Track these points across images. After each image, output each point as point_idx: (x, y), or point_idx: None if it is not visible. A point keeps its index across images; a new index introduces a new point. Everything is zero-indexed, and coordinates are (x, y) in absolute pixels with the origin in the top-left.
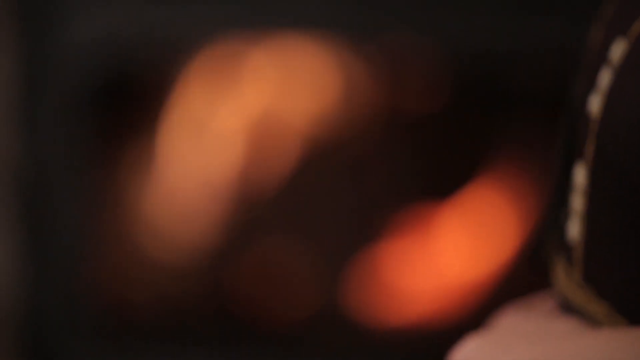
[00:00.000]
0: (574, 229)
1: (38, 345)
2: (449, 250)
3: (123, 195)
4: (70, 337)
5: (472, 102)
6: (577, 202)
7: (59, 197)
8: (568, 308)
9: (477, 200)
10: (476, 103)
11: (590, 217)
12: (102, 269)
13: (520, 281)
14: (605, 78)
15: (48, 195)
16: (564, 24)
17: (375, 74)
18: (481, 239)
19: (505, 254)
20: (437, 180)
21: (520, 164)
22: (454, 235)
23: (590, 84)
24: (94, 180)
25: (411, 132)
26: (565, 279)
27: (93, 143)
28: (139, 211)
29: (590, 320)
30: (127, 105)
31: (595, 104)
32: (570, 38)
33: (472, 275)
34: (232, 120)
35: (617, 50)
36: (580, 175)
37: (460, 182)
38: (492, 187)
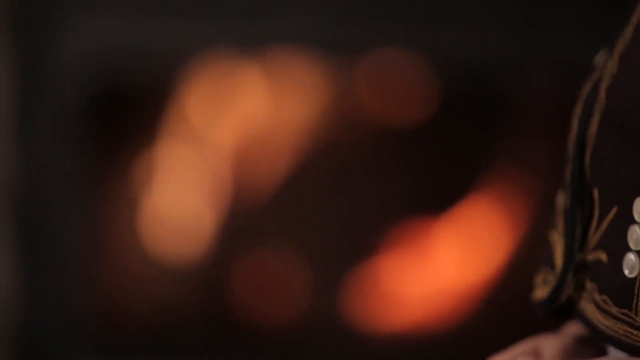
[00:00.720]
0: (632, 267)
1: (35, 354)
2: (443, 260)
3: (119, 204)
4: (66, 346)
5: (465, 116)
6: (636, 237)
7: (56, 207)
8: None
9: (470, 213)
10: (469, 117)
11: None
12: (98, 277)
13: (510, 290)
14: None
15: (45, 204)
16: (557, 37)
17: (368, 87)
18: (474, 249)
19: (497, 264)
20: (431, 193)
21: (513, 177)
22: (448, 246)
23: None
24: (90, 189)
25: (405, 146)
26: (607, 319)
27: (89, 153)
28: (135, 220)
29: None
30: (123, 116)
31: None
32: (564, 51)
33: (465, 283)
34: (227, 131)
35: None
36: None
37: (454, 195)
38: (485, 200)
